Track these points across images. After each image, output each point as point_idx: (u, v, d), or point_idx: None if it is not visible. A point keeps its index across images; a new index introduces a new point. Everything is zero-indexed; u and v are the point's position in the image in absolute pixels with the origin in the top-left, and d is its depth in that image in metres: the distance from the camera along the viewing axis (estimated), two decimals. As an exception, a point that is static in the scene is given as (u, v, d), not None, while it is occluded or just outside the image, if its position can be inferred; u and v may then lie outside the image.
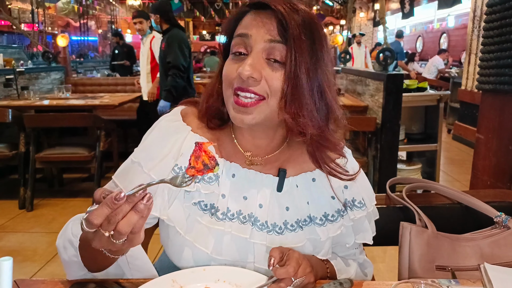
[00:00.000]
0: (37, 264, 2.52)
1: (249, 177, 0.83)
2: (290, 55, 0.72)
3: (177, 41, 3.64)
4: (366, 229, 0.90)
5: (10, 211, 3.36)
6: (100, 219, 0.58)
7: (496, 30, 1.89)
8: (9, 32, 10.82)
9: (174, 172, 0.79)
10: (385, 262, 2.33)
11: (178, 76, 3.54)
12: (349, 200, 0.86)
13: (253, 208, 0.81)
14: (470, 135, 5.01)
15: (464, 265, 0.96)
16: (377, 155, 3.22)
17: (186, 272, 0.77)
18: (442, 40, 12.30)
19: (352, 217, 0.86)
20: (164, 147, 0.82)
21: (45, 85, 4.63)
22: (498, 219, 1.00)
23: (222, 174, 0.82)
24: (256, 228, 0.81)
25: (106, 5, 13.81)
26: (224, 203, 0.81)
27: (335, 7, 14.09)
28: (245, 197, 0.82)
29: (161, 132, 0.84)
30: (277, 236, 0.81)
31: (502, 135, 1.91)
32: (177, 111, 0.88)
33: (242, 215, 0.81)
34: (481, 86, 2.04)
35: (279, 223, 0.82)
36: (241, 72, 0.72)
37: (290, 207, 0.83)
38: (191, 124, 0.85)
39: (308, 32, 0.73)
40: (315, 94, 0.74)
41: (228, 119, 0.82)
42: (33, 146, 3.37)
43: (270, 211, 0.82)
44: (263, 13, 0.74)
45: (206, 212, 0.80)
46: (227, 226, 0.80)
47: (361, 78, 3.80)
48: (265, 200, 0.82)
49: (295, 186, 0.84)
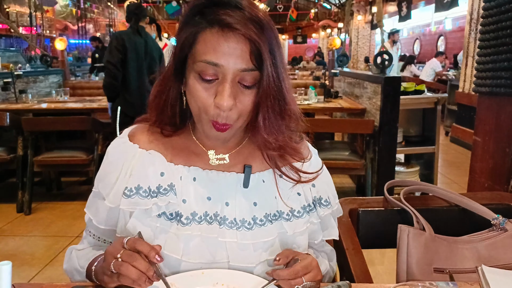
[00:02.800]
0: (35, 268, 2.51)
1: (212, 178, 0.83)
2: (262, 79, 0.73)
3: (110, 40, 3.60)
4: (332, 225, 0.92)
5: (8, 215, 3.35)
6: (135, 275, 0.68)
7: (492, 34, 1.90)
8: (7, 36, 10.80)
9: (125, 196, 0.79)
10: (383, 264, 2.33)
11: (107, 75, 3.39)
12: (317, 198, 0.88)
13: (219, 207, 0.82)
14: (468, 137, 5.03)
15: (462, 267, 0.96)
16: (375, 158, 3.23)
17: (184, 276, 0.77)
18: (440, 43, 12.35)
19: (320, 213, 0.88)
20: (114, 172, 0.82)
21: (43, 89, 4.62)
22: (495, 221, 1.00)
23: (180, 180, 0.81)
24: (225, 226, 0.81)
25: (104, 9, 13.81)
26: (187, 208, 0.80)
27: (333, 10, 14.12)
28: (209, 197, 0.82)
29: (109, 157, 0.85)
30: (247, 231, 0.81)
31: (499, 137, 1.92)
32: (124, 133, 0.88)
33: (209, 216, 0.81)
34: (478, 88, 2.05)
35: (248, 218, 0.82)
36: (220, 104, 0.71)
37: (258, 202, 0.83)
38: (139, 142, 0.84)
39: (275, 46, 0.73)
40: (281, 104, 0.77)
41: (184, 122, 0.84)
42: (31, 150, 3.37)
43: (237, 207, 0.82)
44: (231, 37, 0.71)
45: (172, 221, 0.80)
46: (195, 230, 0.80)
47: (359, 81, 3.81)
48: (230, 198, 0.82)
49: (262, 181, 0.84)
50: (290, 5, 13.43)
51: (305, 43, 19.24)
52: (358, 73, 4.24)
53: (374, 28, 10.16)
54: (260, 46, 0.71)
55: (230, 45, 0.71)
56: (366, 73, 3.83)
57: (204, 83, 0.74)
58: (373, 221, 1.12)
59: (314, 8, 14.30)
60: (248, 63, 0.72)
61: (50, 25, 12.11)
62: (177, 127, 0.85)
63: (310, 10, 15.03)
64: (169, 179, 0.81)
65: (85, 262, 0.83)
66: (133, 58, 3.44)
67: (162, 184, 0.80)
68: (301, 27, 18.36)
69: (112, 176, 0.82)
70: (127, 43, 3.39)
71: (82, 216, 0.88)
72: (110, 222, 0.84)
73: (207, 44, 0.72)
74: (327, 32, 15.99)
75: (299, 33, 18.61)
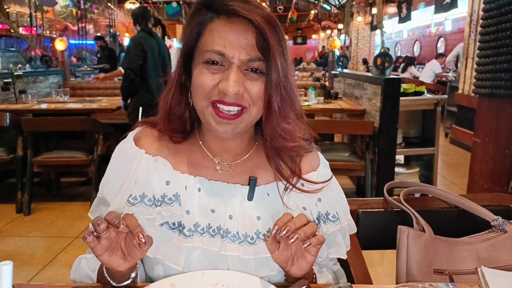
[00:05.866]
0: (35, 269, 2.51)
1: (216, 189, 0.81)
2: (270, 67, 0.72)
3: (129, 45, 3.68)
4: (339, 243, 0.87)
5: (7, 215, 3.35)
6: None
7: (492, 35, 1.90)
8: (7, 36, 10.80)
9: (129, 204, 0.78)
10: (383, 265, 2.33)
11: (125, 79, 3.55)
12: (323, 214, 0.84)
13: (222, 220, 0.80)
14: (468, 138, 5.02)
15: (462, 268, 0.96)
16: (375, 159, 3.23)
17: (184, 276, 0.77)
18: (439, 44, 12.36)
19: (325, 230, 0.83)
20: (119, 178, 0.81)
21: (43, 89, 4.62)
22: (495, 222, 1.00)
23: (185, 190, 0.80)
24: (228, 240, 0.79)
25: (104, 9, 13.81)
26: (190, 219, 0.79)
27: (333, 11, 14.14)
28: (212, 210, 0.80)
29: (114, 163, 0.83)
30: (250, 246, 0.79)
31: (498, 139, 1.92)
32: (130, 137, 0.86)
33: (211, 229, 0.79)
34: (478, 90, 2.05)
35: (251, 233, 0.80)
36: (225, 89, 0.70)
37: (261, 216, 0.80)
38: (145, 147, 0.83)
39: (280, 39, 0.73)
40: (290, 96, 0.76)
41: (192, 129, 0.83)
42: (31, 150, 3.36)
43: (240, 221, 0.80)
44: (238, 25, 0.71)
45: (174, 231, 0.79)
46: (197, 242, 0.78)
47: (359, 82, 3.81)
48: (234, 211, 0.80)
49: (267, 195, 0.82)
50: (290, 6, 13.43)
51: (305, 44, 19.25)
52: (358, 74, 4.24)
53: (374, 29, 10.18)
54: (267, 35, 0.71)
55: (237, 33, 0.71)
56: (366, 74, 3.83)
57: (210, 70, 0.73)
58: (372, 222, 1.12)
59: (314, 9, 14.30)
60: (255, 51, 0.72)
61: (50, 26, 12.11)
62: (186, 134, 0.83)
63: (310, 11, 15.03)
64: (175, 188, 0.80)
65: (96, 263, 0.82)
66: (151, 60, 3.58)
67: (167, 193, 0.79)
68: (301, 28, 18.39)
69: (117, 182, 0.81)
70: (145, 47, 3.51)
71: (82, 217, 0.88)
72: None
73: (214, 34, 0.72)
74: (327, 33, 16.00)
75: (299, 34, 18.64)
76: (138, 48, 3.50)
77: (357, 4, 10.76)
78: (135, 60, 3.48)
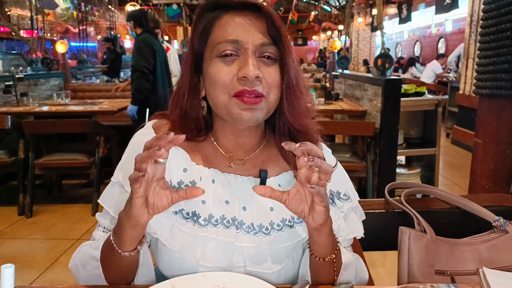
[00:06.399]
0: (36, 271, 2.51)
1: (230, 181, 0.82)
2: (283, 53, 0.75)
3: (138, 45, 3.62)
4: (355, 221, 0.87)
5: (9, 218, 3.35)
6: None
7: (492, 36, 1.90)
8: (8, 39, 10.85)
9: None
10: (384, 266, 2.33)
11: (140, 79, 3.50)
12: (335, 192, 0.85)
13: (236, 211, 0.81)
14: (469, 139, 5.01)
15: (463, 269, 0.96)
16: (376, 160, 3.23)
17: (185, 278, 0.77)
18: (440, 45, 12.36)
19: (339, 206, 0.84)
20: None
21: (44, 91, 4.63)
22: (496, 223, 1.00)
23: (200, 181, 0.81)
24: (242, 231, 0.80)
25: (105, 12, 13.85)
26: (205, 210, 0.80)
27: (333, 12, 14.16)
28: (227, 201, 0.81)
29: (135, 147, 0.83)
30: (265, 237, 0.81)
31: (499, 139, 1.92)
32: (149, 125, 0.87)
33: (226, 220, 0.80)
34: (478, 90, 2.05)
35: (265, 223, 0.81)
36: (246, 73, 0.71)
37: (274, 207, 0.82)
38: None
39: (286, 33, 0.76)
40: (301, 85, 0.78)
41: (206, 128, 0.83)
42: (32, 153, 3.37)
43: (254, 212, 0.81)
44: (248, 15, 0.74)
45: (188, 220, 0.79)
46: (211, 232, 0.79)
47: (360, 83, 3.81)
48: (247, 202, 0.82)
49: (278, 186, 0.84)
50: (291, 7, 13.45)
51: (305, 45, 19.28)
52: (358, 75, 4.25)
53: (374, 30, 10.18)
54: (278, 22, 0.73)
55: (248, 22, 0.74)
56: (366, 75, 3.83)
57: (225, 63, 0.74)
58: (374, 223, 1.12)
59: (315, 10, 14.32)
60: (267, 36, 0.74)
61: (51, 28, 12.15)
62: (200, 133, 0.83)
63: (310, 12, 15.05)
64: (192, 176, 0.81)
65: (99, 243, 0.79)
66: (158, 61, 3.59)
67: (184, 180, 0.80)
68: (302, 29, 18.41)
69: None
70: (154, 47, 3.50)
71: (84, 219, 0.87)
72: None
73: (224, 26, 0.75)
74: (328, 34, 16.02)
75: (300, 35, 18.66)
76: (149, 48, 3.49)
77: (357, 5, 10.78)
78: (149, 59, 3.46)
